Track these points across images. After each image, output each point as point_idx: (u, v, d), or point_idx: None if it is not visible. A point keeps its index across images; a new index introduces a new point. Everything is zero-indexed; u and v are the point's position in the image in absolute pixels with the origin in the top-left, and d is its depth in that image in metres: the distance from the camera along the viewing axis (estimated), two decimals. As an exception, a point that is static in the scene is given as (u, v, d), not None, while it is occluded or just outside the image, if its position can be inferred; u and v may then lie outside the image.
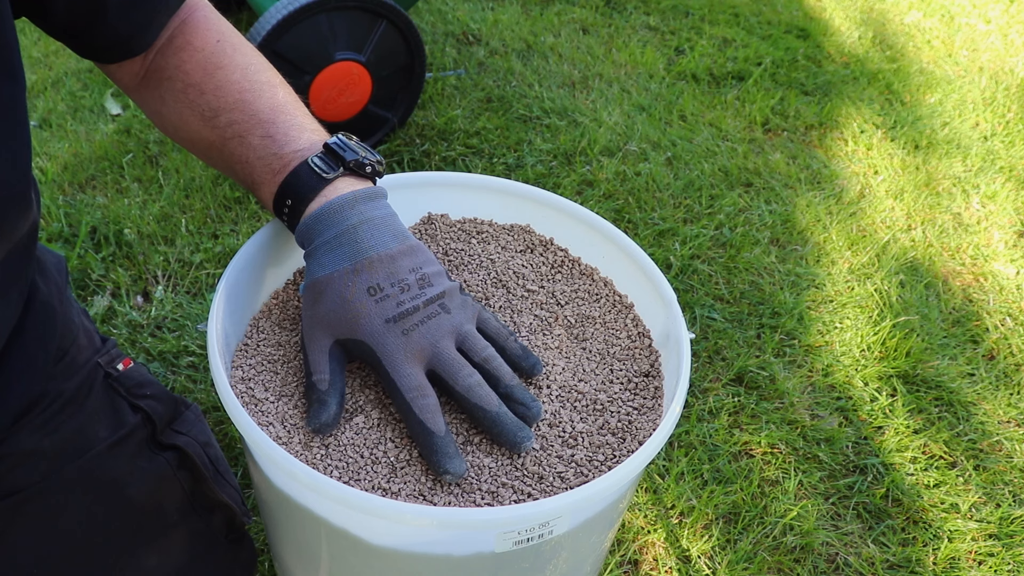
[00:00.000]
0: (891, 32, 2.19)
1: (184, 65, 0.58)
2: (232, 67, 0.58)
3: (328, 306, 0.53)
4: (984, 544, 1.02)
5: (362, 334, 0.53)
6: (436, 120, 1.60)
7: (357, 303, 0.53)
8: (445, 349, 0.53)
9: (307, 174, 0.55)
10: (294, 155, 0.56)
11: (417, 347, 0.53)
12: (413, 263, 0.54)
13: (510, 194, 0.70)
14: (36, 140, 1.48)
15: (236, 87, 0.57)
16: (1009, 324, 1.34)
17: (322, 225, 0.54)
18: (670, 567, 0.96)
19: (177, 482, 0.63)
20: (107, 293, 1.21)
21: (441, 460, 0.51)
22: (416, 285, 0.54)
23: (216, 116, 0.57)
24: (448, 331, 0.54)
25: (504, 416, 0.52)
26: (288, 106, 0.58)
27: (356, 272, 0.53)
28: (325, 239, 0.54)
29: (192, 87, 0.58)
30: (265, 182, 0.57)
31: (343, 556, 0.55)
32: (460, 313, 0.55)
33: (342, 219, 0.54)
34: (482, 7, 2.05)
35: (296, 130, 0.57)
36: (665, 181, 1.53)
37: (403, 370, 0.52)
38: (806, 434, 1.12)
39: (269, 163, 0.56)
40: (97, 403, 0.61)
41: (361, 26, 1.36)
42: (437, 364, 0.53)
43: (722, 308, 1.29)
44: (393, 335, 0.52)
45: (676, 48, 2.00)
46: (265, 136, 0.56)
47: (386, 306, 0.53)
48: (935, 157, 1.72)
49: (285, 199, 0.56)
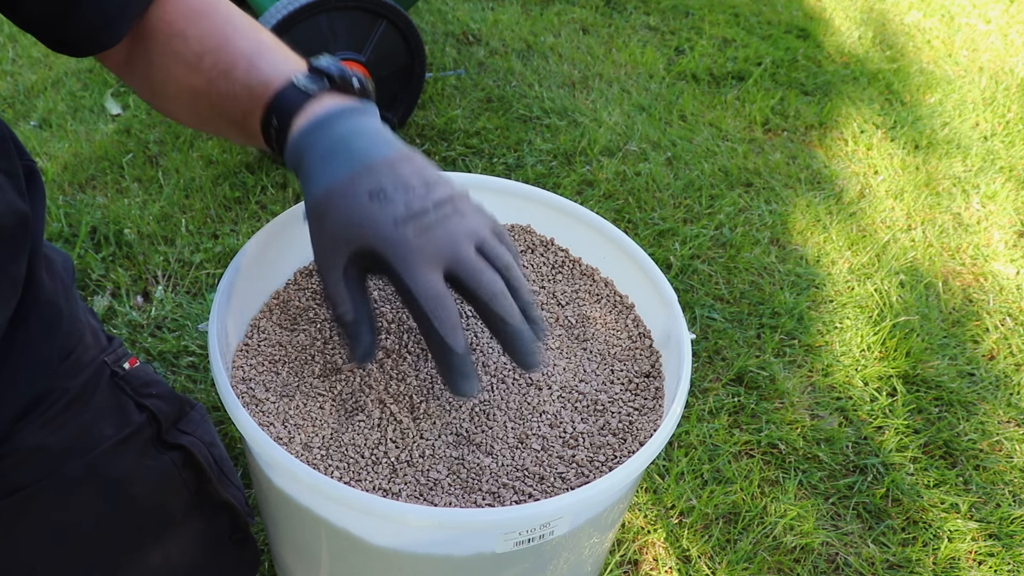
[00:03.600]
0: (891, 32, 2.19)
1: (167, 16, 0.57)
2: (214, 14, 0.57)
3: (333, 219, 0.49)
4: (984, 544, 1.02)
5: (371, 239, 0.48)
6: (436, 120, 1.60)
7: (362, 209, 0.48)
8: (465, 252, 0.49)
9: (292, 92, 0.53)
10: (278, 78, 0.54)
11: (434, 248, 0.48)
12: (413, 168, 0.51)
13: (510, 194, 0.70)
14: (36, 140, 1.48)
15: (219, 30, 0.56)
16: (1009, 324, 1.34)
17: (312, 138, 0.51)
18: (670, 567, 0.96)
19: (182, 481, 0.63)
20: (107, 293, 1.21)
21: (458, 379, 0.48)
22: (423, 186, 0.49)
23: (200, 60, 0.56)
24: (466, 233, 0.49)
25: (525, 332, 0.49)
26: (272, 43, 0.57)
27: (354, 180, 0.49)
28: (316, 154, 0.51)
29: (176, 37, 0.57)
30: (251, 112, 0.55)
31: (343, 556, 0.55)
32: (476, 217, 0.51)
33: (332, 131, 0.51)
34: (482, 7, 2.05)
35: (282, 63, 0.55)
36: (665, 181, 1.53)
37: (420, 276, 0.48)
38: (806, 434, 1.12)
39: (255, 91, 0.54)
40: (103, 401, 0.61)
41: (361, 26, 1.36)
42: (458, 267, 0.49)
43: (722, 308, 1.29)
44: (406, 236, 0.48)
45: (676, 48, 2.00)
46: (250, 68, 0.55)
47: (394, 208, 0.48)
48: (935, 157, 1.72)
49: (271, 120, 0.53)
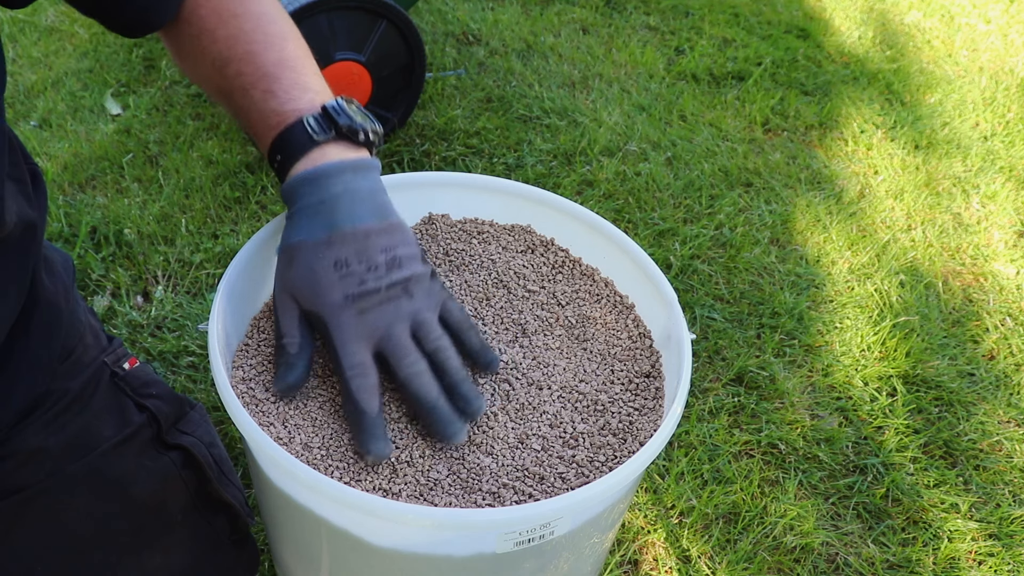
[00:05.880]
0: (891, 32, 2.19)
1: (199, 10, 0.58)
2: (246, 15, 0.58)
3: (296, 273, 0.54)
4: (984, 544, 1.02)
5: (320, 306, 0.53)
6: (436, 120, 1.60)
7: (322, 275, 0.53)
8: (396, 334, 0.53)
9: (299, 133, 0.55)
10: (291, 113, 0.56)
11: (370, 327, 0.52)
12: (388, 242, 0.54)
13: (511, 194, 0.70)
14: (36, 140, 1.48)
15: (247, 38, 0.58)
16: (1009, 324, 1.34)
17: (305, 188, 0.54)
18: (670, 567, 0.96)
19: (181, 482, 0.63)
20: (107, 293, 1.21)
21: (366, 440, 0.51)
22: (384, 266, 0.53)
23: (226, 66, 0.58)
24: (405, 316, 0.53)
25: (439, 409, 0.52)
26: (295, 61, 0.58)
27: (328, 244, 0.53)
28: (305, 204, 0.54)
29: (205, 33, 0.58)
30: (262, 135, 0.57)
31: (344, 556, 0.55)
32: (423, 299, 0.55)
33: (325, 187, 0.54)
34: (482, 7, 2.05)
35: (298, 89, 0.57)
36: (665, 181, 1.53)
37: (349, 348, 0.52)
38: (806, 434, 1.12)
39: (267, 118, 0.57)
40: (103, 402, 0.61)
41: (361, 26, 1.36)
42: (385, 347, 0.53)
43: (722, 308, 1.29)
44: (348, 312, 0.52)
45: (676, 48, 2.00)
46: (267, 91, 0.56)
47: (348, 283, 0.53)
48: (935, 157, 1.72)
49: (276, 154, 0.56)
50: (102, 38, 1.78)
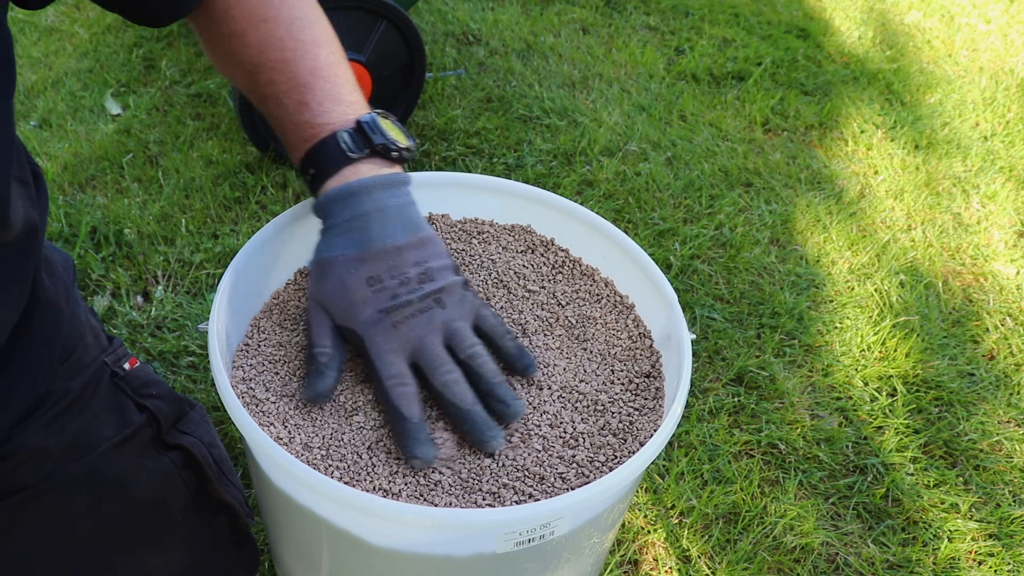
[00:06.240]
0: (891, 32, 2.19)
1: (231, 11, 0.58)
2: (278, 20, 0.58)
3: (329, 287, 0.55)
4: (984, 544, 1.02)
5: (354, 322, 0.54)
6: (436, 120, 1.60)
7: (355, 291, 0.54)
8: (430, 344, 0.54)
9: (333, 148, 0.56)
10: (324, 127, 0.56)
11: (404, 339, 0.54)
12: (419, 256, 0.55)
13: (511, 194, 0.70)
14: (36, 140, 1.48)
15: (279, 44, 0.57)
16: (1009, 324, 1.34)
17: (338, 206, 0.55)
18: (670, 567, 0.96)
19: (182, 482, 0.64)
20: (107, 293, 1.21)
21: (411, 445, 0.51)
22: (416, 279, 0.55)
23: (258, 72, 0.58)
24: (437, 326, 0.54)
25: (475, 414, 0.53)
26: (328, 70, 0.58)
27: (361, 261, 0.54)
28: (338, 221, 0.55)
29: (236, 37, 0.58)
30: (295, 147, 0.58)
31: (344, 557, 0.55)
32: (455, 309, 0.55)
33: (357, 204, 0.55)
34: (482, 7, 2.05)
35: (332, 101, 0.57)
36: (665, 181, 1.53)
37: (386, 359, 0.53)
38: (806, 434, 1.12)
39: (301, 130, 0.57)
40: (103, 402, 0.61)
41: (361, 26, 1.36)
42: (420, 357, 0.54)
43: (722, 308, 1.29)
44: (382, 326, 0.54)
45: (676, 48, 2.00)
46: (300, 102, 0.57)
47: (381, 298, 0.54)
48: (935, 157, 1.72)
49: (309, 168, 0.57)
50: (102, 38, 1.78)
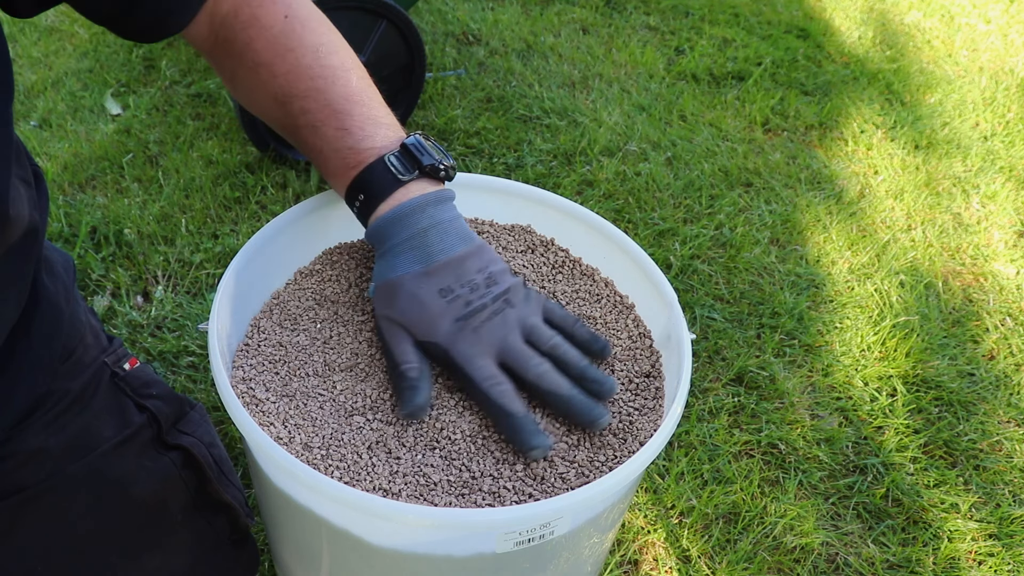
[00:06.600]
0: (891, 32, 2.19)
1: (253, 43, 0.58)
2: (303, 49, 0.58)
3: (403, 305, 0.56)
4: (984, 544, 1.02)
5: (436, 335, 0.55)
6: (436, 120, 1.60)
7: (431, 305, 0.55)
8: (512, 342, 0.55)
9: (382, 173, 0.57)
10: (370, 151, 0.57)
11: (487, 342, 0.55)
12: (480, 263, 0.57)
13: (511, 194, 0.70)
14: (36, 140, 1.48)
15: (308, 73, 0.58)
16: (1009, 324, 1.34)
17: (394, 228, 0.56)
18: (670, 567, 0.96)
19: (182, 482, 0.64)
20: (107, 293, 1.21)
21: (526, 438, 0.52)
22: (484, 284, 0.56)
23: (289, 102, 0.58)
24: (514, 325, 0.56)
25: (576, 398, 0.54)
26: (361, 95, 0.59)
27: (428, 275, 0.55)
28: (396, 242, 0.56)
29: (263, 67, 0.58)
30: (339, 174, 0.58)
31: (344, 557, 0.55)
32: (525, 307, 0.57)
33: (413, 223, 0.56)
34: (482, 7, 2.05)
35: (372, 125, 0.58)
36: (665, 181, 1.53)
37: (476, 363, 0.54)
38: (806, 434, 1.12)
39: (344, 157, 0.58)
40: (103, 402, 0.61)
41: (361, 26, 1.36)
42: (507, 356, 0.55)
43: (722, 308, 1.29)
44: (464, 333, 0.55)
45: (676, 48, 2.00)
46: (340, 128, 0.57)
47: (456, 306, 0.55)
48: (935, 157, 1.72)
49: (358, 193, 0.58)
50: (102, 38, 1.78)
